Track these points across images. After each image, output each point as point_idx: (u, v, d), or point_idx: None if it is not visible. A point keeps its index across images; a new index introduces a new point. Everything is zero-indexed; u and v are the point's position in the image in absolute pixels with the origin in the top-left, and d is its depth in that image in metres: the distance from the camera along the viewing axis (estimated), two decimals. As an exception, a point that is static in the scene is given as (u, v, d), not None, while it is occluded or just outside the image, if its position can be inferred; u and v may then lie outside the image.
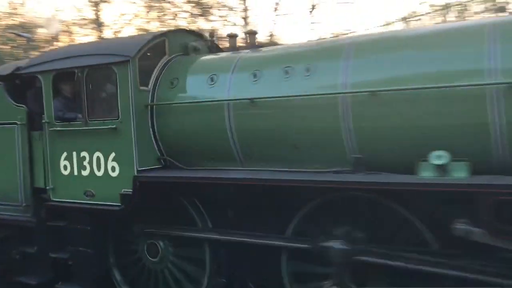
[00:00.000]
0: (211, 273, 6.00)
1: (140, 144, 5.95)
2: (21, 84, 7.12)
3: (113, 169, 6.11)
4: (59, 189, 6.59)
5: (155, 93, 6.18)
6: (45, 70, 6.57)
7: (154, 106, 6.12)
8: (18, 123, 6.92)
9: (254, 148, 5.59)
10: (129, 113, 5.95)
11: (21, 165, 6.92)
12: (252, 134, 5.54)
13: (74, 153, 6.41)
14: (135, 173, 5.92)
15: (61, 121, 6.51)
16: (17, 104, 6.99)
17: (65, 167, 6.50)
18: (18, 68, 6.95)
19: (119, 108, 6.00)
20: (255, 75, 5.57)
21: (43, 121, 6.61)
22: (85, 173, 6.34)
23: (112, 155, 6.10)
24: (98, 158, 6.22)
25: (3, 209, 7.12)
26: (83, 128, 6.29)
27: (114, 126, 6.02)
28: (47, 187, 6.67)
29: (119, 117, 6.01)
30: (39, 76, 6.65)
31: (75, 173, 6.42)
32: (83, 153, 6.34)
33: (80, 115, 6.43)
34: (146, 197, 5.92)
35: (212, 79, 5.85)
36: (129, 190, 5.95)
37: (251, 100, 5.46)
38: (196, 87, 6.01)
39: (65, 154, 6.50)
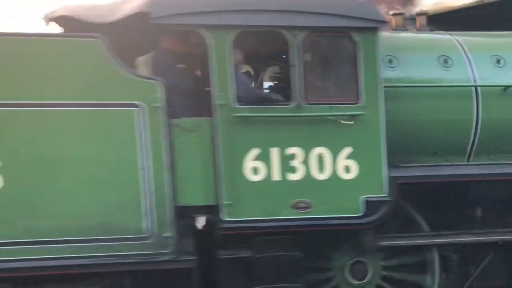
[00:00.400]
0: (441, 280, 5.17)
1: None
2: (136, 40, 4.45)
3: (347, 169, 4.58)
4: (243, 204, 4.45)
5: None
6: (225, 25, 4.32)
7: None
8: (145, 105, 4.29)
9: (497, 142, 5.18)
10: (377, 96, 4.60)
11: (152, 172, 4.32)
12: (501, 126, 5.14)
13: (275, 150, 4.47)
14: (386, 173, 4.62)
15: (249, 104, 4.43)
16: (146, 77, 4.33)
17: (256, 171, 4.46)
18: (145, 13, 4.25)
19: (362, 89, 4.56)
20: (498, 61, 5.19)
21: (217, 102, 4.34)
22: (295, 177, 4.51)
23: (347, 151, 4.57)
24: (320, 156, 4.53)
25: (106, 248, 4.27)
26: (296, 115, 4.47)
27: (358, 112, 4.53)
28: (223, 203, 4.40)
29: (360, 101, 4.56)
30: (206, 33, 4.32)
31: (275, 178, 4.49)
32: (293, 150, 4.50)
33: (278, 97, 4.55)
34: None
35: (445, 61, 5.10)
36: (376, 196, 4.61)
37: (506, 87, 5.08)
38: (427, 69, 5.09)
39: (256, 151, 4.45)
